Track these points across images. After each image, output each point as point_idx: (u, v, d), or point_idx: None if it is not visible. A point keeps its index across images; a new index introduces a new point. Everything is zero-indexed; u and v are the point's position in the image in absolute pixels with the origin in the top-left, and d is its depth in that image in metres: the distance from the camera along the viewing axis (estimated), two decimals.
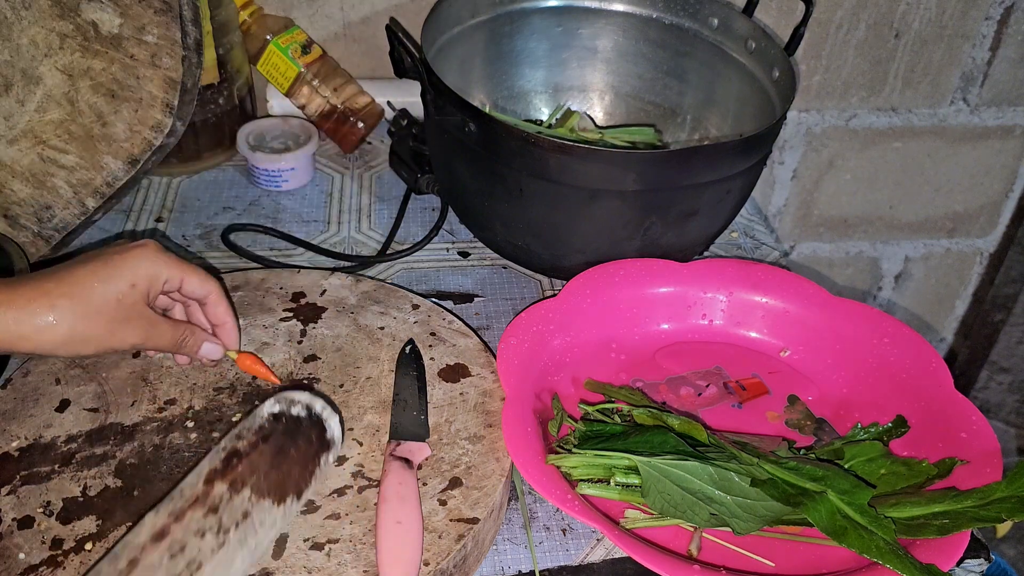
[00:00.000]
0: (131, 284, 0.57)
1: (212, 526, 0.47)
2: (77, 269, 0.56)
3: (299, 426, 0.54)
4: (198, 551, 0.46)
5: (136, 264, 0.57)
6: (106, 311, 0.56)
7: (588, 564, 0.58)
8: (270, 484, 0.50)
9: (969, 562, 0.59)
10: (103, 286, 0.56)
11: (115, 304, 0.56)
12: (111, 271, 0.57)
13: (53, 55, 0.74)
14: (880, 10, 1.06)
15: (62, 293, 0.54)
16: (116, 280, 0.57)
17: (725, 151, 0.71)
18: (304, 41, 0.94)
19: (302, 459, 0.53)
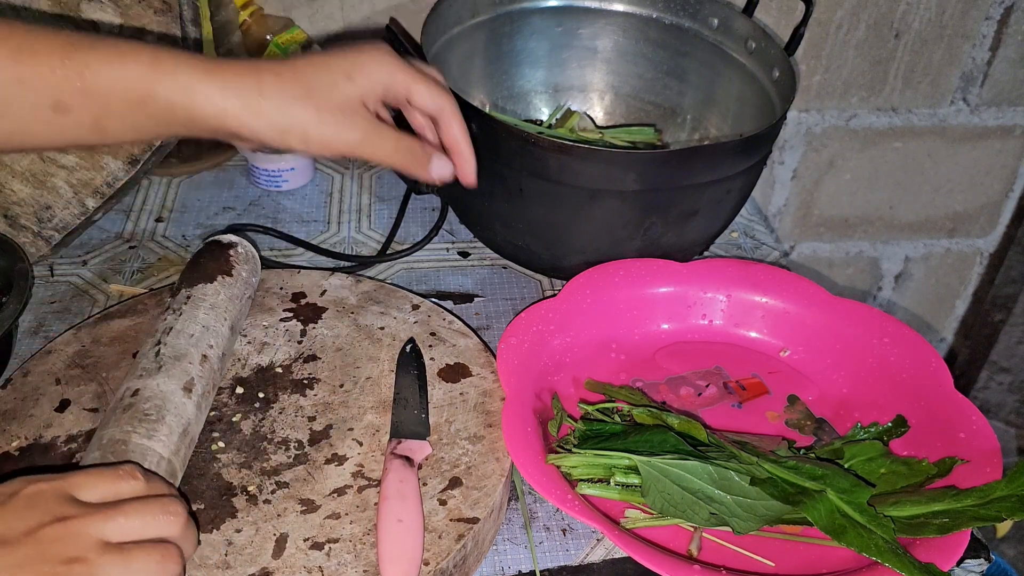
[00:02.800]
0: (348, 76, 0.51)
1: (168, 313, 0.63)
2: (296, 58, 0.52)
3: (200, 250, 0.69)
4: (165, 324, 0.61)
5: (360, 61, 0.52)
6: (318, 97, 0.50)
7: (588, 564, 0.58)
8: (195, 277, 0.65)
9: (969, 562, 0.59)
10: (317, 73, 0.51)
11: (328, 92, 0.51)
12: (329, 62, 0.51)
13: None
14: (880, 10, 1.06)
15: (272, 71, 0.50)
16: (334, 71, 0.51)
17: (725, 151, 0.71)
18: (304, 41, 0.94)
19: (212, 257, 0.67)
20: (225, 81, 0.49)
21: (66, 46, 0.47)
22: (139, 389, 0.56)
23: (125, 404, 0.56)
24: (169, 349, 0.59)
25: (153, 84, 0.48)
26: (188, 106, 0.49)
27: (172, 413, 0.55)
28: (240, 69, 0.50)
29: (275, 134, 0.50)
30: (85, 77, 0.47)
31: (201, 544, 0.53)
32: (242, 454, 0.59)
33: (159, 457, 0.53)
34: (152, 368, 0.58)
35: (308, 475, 0.58)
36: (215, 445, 0.59)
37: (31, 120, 0.48)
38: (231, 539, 0.53)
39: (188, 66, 0.49)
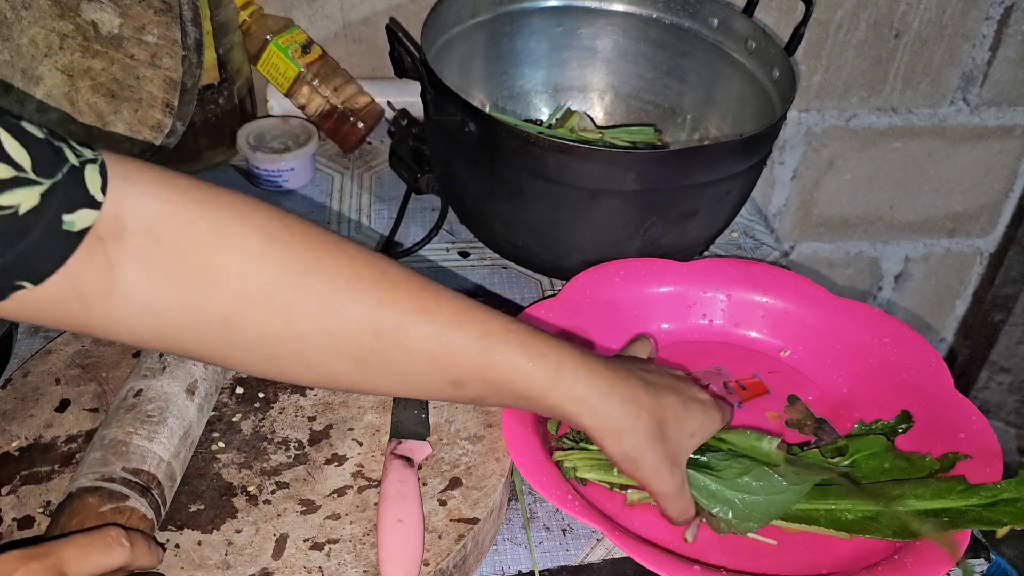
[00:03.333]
0: (692, 435, 0.56)
1: None
2: (666, 394, 0.55)
3: None
4: None
5: (701, 419, 0.57)
6: (668, 447, 0.55)
7: (588, 564, 0.58)
8: None
9: (969, 562, 0.59)
10: (677, 426, 0.55)
11: (675, 445, 0.55)
12: (686, 414, 0.56)
13: (53, 55, 0.74)
14: (880, 10, 1.06)
15: (650, 412, 0.54)
16: (685, 425, 0.56)
17: (725, 151, 0.71)
18: (304, 41, 0.94)
19: None
20: (611, 404, 0.53)
21: (482, 336, 0.50)
22: (142, 390, 0.56)
23: (128, 404, 0.56)
24: None
25: (550, 391, 0.51)
26: (570, 416, 0.53)
27: (174, 415, 0.56)
28: (624, 394, 0.53)
29: (622, 460, 0.54)
30: (493, 370, 0.50)
31: (201, 544, 0.53)
32: (242, 454, 0.59)
33: (159, 460, 0.53)
34: (156, 369, 0.58)
35: (308, 475, 0.58)
36: (215, 445, 0.59)
37: (427, 389, 0.51)
38: (231, 539, 0.53)
39: (586, 382, 0.52)
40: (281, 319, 0.46)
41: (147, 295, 0.44)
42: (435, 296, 0.49)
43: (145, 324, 0.45)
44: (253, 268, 0.45)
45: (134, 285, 0.43)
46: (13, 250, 0.39)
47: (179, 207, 0.44)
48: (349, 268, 0.47)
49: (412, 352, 0.48)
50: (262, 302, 0.45)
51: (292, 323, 0.46)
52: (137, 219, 0.43)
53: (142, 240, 0.43)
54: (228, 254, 0.45)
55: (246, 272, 0.45)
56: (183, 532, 0.54)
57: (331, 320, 0.46)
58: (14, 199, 0.38)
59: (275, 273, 0.45)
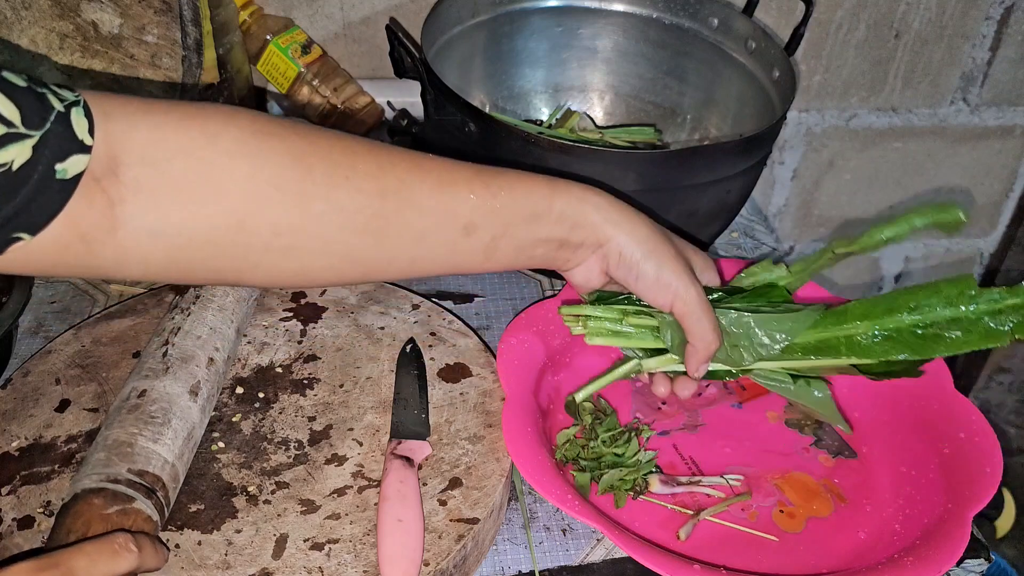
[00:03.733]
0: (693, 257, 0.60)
1: (177, 312, 0.63)
2: None
3: None
4: (173, 324, 0.62)
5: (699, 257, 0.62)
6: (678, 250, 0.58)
7: (588, 564, 0.58)
8: None
9: (969, 562, 0.59)
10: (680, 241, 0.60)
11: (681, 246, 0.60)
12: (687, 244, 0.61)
13: (53, 55, 0.74)
14: (880, 10, 1.06)
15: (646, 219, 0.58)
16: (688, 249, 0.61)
17: (725, 151, 0.71)
18: (304, 41, 0.94)
19: None
20: (612, 200, 0.56)
21: (477, 173, 0.53)
22: (146, 390, 0.56)
23: (131, 405, 0.56)
24: (177, 350, 0.60)
25: (552, 199, 0.54)
26: (577, 214, 0.55)
27: (178, 416, 0.56)
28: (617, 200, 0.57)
29: (637, 255, 0.56)
30: (497, 198, 0.53)
31: (201, 544, 0.53)
32: (242, 454, 0.59)
33: (163, 461, 0.53)
34: (159, 369, 0.58)
35: (308, 475, 0.58)
36: (215, 445, 0.59)
37: (441, 244, 0.52)
38: (231, 539, 0.53)
39: (580, 186, 0.56)
40: (293, 208, 0.47)
41: (155, 222, 0.44)
42: (423, 155, 0.52)
43: (157, 251, 0.45)
44: (255, 166, 0.46)
45: (139, 216, 0.43)
46: (9, 205, 0.39)
47: (167, 129, 0.44)
48: (341, 144, 0.49)
49: (421, 206, 0.50)
50: (272, 196, 0.46)
51: (303, 208, 0.47)
52: (129, 152, 0.43)
53: (139, 171, 0.43)
54: (227, 160, 0.45)
55: (250, 172, 0.45)
56: (183, 532, 0.54)
57: (339, 193, 0.47)
58: (7, 156, 0.38)
59: (277, 165, 0.46)
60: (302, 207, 0.47)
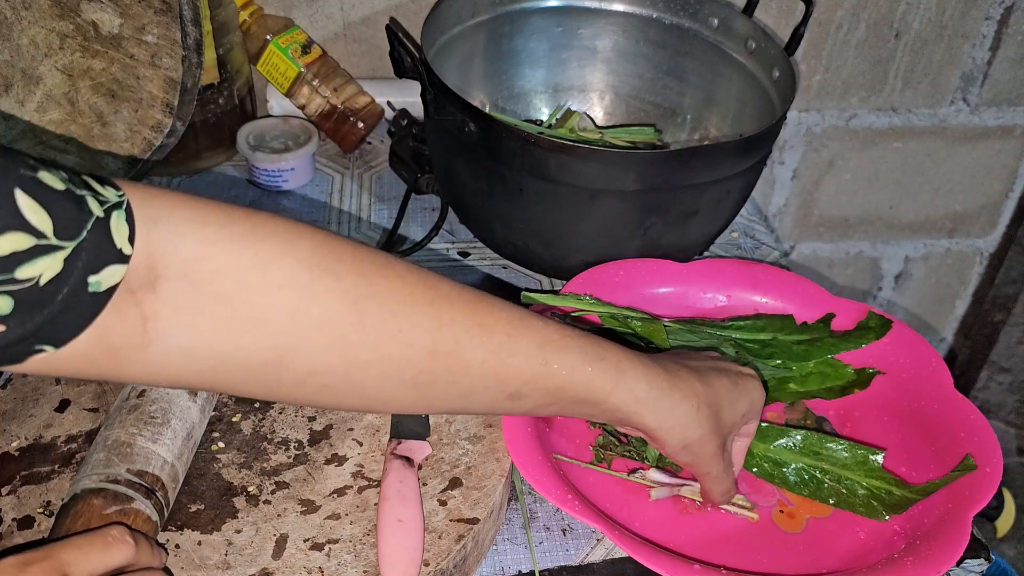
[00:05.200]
0: (742, 415, 0.57)
1: None
2: (715, 379, 0.55)
3: None
4: None
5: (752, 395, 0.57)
6: (721, 433, 0.55)
7: (588, 564, 0.58)
8: None
9: (969, 562, 0.59)
10: (731, 409, 0.56)
11: (728, 431, 0.56)
12: (738, 396, 0.56)
13: (53, 55, 0.74)
14: (880, 10, 1.06)
15: (708, 402, 0.54)
16: (739, 406, 0.56)
17: (725, 151, 0.71)
18: (304, 41, 0.94)
19: None
20: (672, 400, 0.53)
21: (541, 346, 0.49)
22: (145, 391, 0.56)
23: (130, 405, 0.56)
24: None
25: (611, 394, 0.51)
26: (631, 414, 0.52)
27: (177, 416, 0.56)
28: (683, 388, 0.53)
29: (682, 453, 0.55)
30: (553, 379, 0.49)
31: (201, 544, 0.53)
32: (242, 454, 0.59)
33: (163, 461, 0.53)
34: None
35: (308, 475, 0.58)
36: (215, 445, 0.59)
37: (484, 404, 0.50)
38: (231, 539, 0.53)
39: (647, 382, 0.52)
40: (337, 352, 0.43)
41: (190, 342, 0.41)
42: (490, 309, 0.48)
43: (188, 370, 0.42)
44: (304, 303, 0.42)
45: (173, 334, 0.40)
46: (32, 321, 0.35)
47: (217, 247, 0.40)
48: (403, 290, 0.45)
49: (471, 370, 0.47)
50: (316, 337, 0.43)
51: (348, 355, 0.44)
52: (171, 266, 0.39)
53: (178, 286, 0.39)
54: (276, 292, 0.41)
55: (297, 309, 0.42)
56: (183, 532, 0.54)
57: (389, 347, 0.44)
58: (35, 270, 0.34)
59: (328, 306, 0.43)
60: (344, 354, 0.43)
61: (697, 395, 0.53)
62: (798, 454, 0.62)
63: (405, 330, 0.45)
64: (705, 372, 0.55)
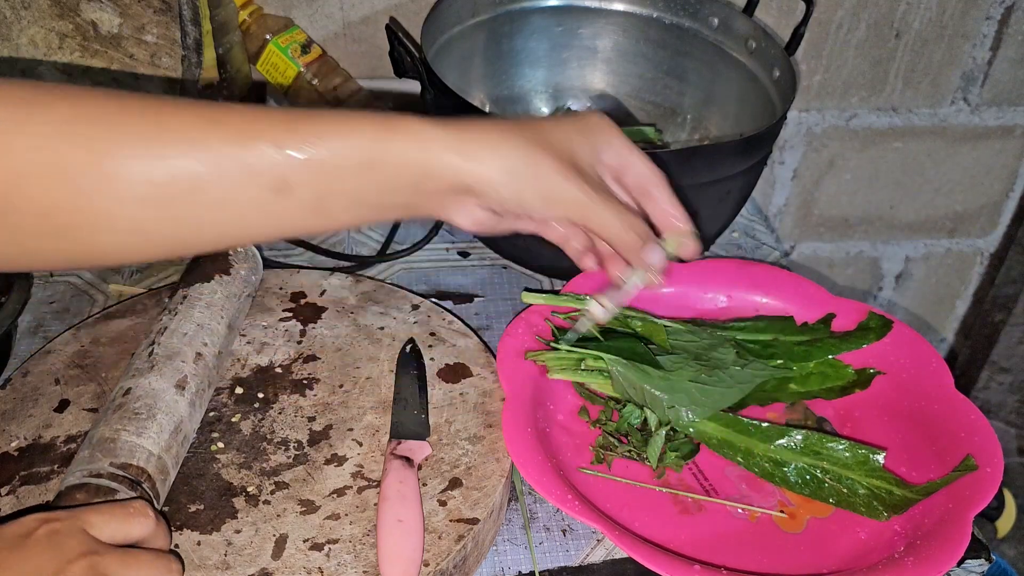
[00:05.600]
0: (581, 132, 0.50)
1: (164, 314, 0.63)
2: (531, 119, 0.51)
3: None
4: (160, 325, 0.62)
5: (589, 121, 0.51)
6: (557, 148, 0.49)
7: (588, 564, 0.58)
8: (192, 277, 0.66)
9: (969, 562, 0.59)
10: (552, 127, 0.50)
11: (565, 144, 0.49)
12: (560, 120, 0.51)
13: (53, 55, 0.74)
14: (880, 10, 1.06)
15: (508, 121, 0.49)
16: (566, 127, 0.50)
17: (725, 151, 0.71)
18: (304, 41, 0.94)
19: (210, 257, 0.67)
20: (462, 129, 0.47)
21: (288, 120, 0.44)
22: (130, 388, 0.57)
23: (116, 404, 0.56)
24: (162, 348, 0.60)
25: (386, 142, 0.46)
26: (423, 161, 0.46)
27: (163, 411, 0.56)
28: (475, 120, 0.48)
29: (512, 185, 0.48)
30: (313, 147, 0.44)
31: (200, 545, 0.53)
32: (242, 454, 0.59)
33: (148, 453, 0.53)
34: (144, 368, 0.58)
35: (308, 475, 0.57)
36: (215, 445, 0.59)
37: (251, 209, 0.45)
38: (231, 539, 0.53)
39: (420, 121, 0.46)
40: (63, 181, 0.41)
41: None
42: (220, 106, 0.45)
43: None
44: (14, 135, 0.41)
45: None
46: None
47: None
48: (115, 104, 0.43)
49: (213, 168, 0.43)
50: (36, 170, 0.41)
51: (73, 181, 0.41)
52: None
53: None
54: None
55: (10, 143, 0.41)
56: (182, 532, 0.54)
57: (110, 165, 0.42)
58: None
59: (41, 133, 0.41)
60: (70, 181, 0.41)
61: (494, 122, 0.48)
62: (799, 454, 0.61)
63: (125, 142, 0.42)
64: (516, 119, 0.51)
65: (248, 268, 0.69)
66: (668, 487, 0.62)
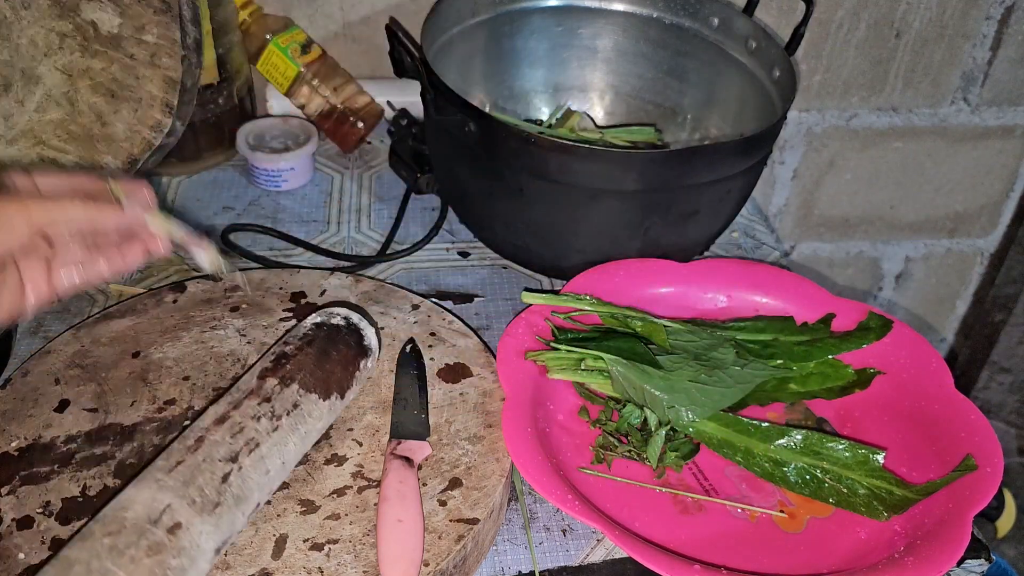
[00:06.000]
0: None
1: (266, 412, 0.54)
2: None
3: (339, 333, 0.60)
4: (255, 432, 0.53)
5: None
6: None
7: (588, 564, 0.58)
8: (315, 380, 0.57)
9: (969, 562, 0.59)
10: None
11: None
12: None
13: (53, 55, 0.74)
14: (880, 10, 1.06)
15: None
16: None
17: (725, 151, 0.71)
18: (304, 41, 0.94)
19: (343, 361, 0.59)
20: None
21: None
22: (180, 525, 0.46)
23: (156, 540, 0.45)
24: (239, 482, 0.50)
25: None
26: None
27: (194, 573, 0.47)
28: None
29: None
30: None
31: None
32: None
33: None
34: (210, 502, 0.49)
35: (308, 475, 0.58)
36: None
37: None
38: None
39: None
40: None
41: None
42: None
43: None
44: None
45: None
46: None
47: None
48: None
49: None
50: None
51: None
52: None
53: None
54: None
55: None
56: None
57: None
58: None
59: None
60: None
61: None
62: (798, 454, 0.61)
63: None
64: None
65: (358, 391, 0.61)
66: (668, 487, 0.62)
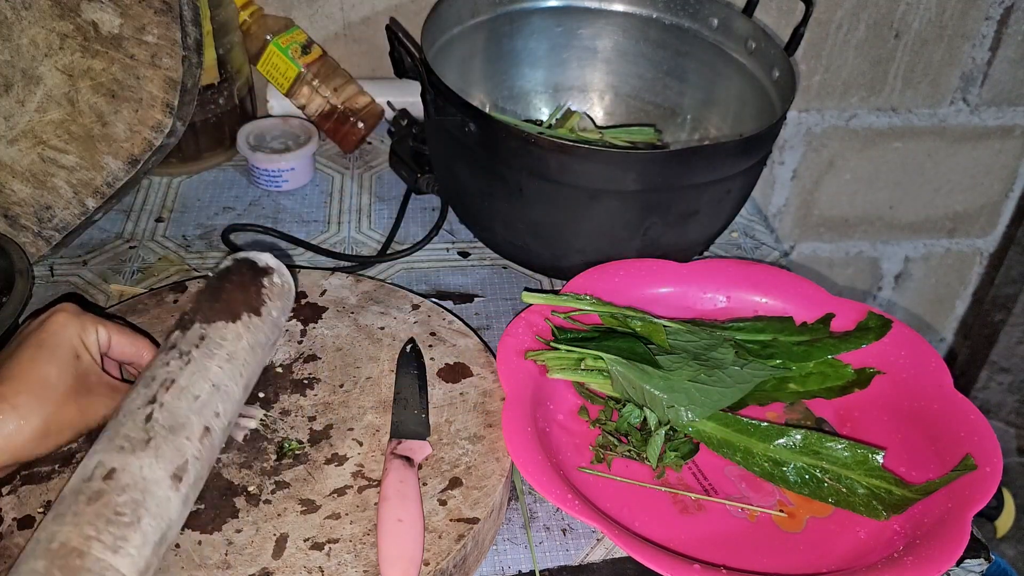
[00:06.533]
0: (76, 355, 0.54)
1: (174, 356, 0.53)
2: (16, 364, 0.52)
3: (227, 271, 0.58)
4: (167, 374, 0.52)
5: (66, 333, 0.54)
6: (71, 392, 0.53)
7: (588, 564, 0.58)
8: (215, 311, 0.55)
9: (969, 562, 0.59)
10: (53, 368, 0.52)
11: (74, 381, 0.54)
12: (50, 351, 0.53)
13: (53, 55, 0.74)
14: (880, 10, 1.06)
15: (17, 391, 0.51)
16: (60, 357, 0.53)
17: (725, 151, 0.71)
18: (304, 41, 0.94)
19: (240, 285, 0.57)
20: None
21: None
22: (115, 469, 0.46)
23: (93, 490, 0.45)
24: (166, 415, 0.50)
25: None
26: None
27: (151, 513, 0.46)
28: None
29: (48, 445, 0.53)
30: None
31: (201, 544, 0.53)
32: (242, 454, 0.59)
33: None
34: (138, 440, 0.48)
35: (308, 475, 0.58)
36: None
37: None
38: (231, 539, 0.53)
39: None
40: None
41: None
42: None
43: None
44: None
45: None
46: None
47: None
48: None
49: None
50: None
51: None
52: None
53: None
54: None
55: None
56: (183, 532, 0.54)
57: None
58: None
59: None
60: None
61: (3, 398, 0.50)
62: (798, 453, 0.62)
63: None
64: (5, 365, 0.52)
65: (280, 308, 0.60)
66: (668, 487, 0.62)
